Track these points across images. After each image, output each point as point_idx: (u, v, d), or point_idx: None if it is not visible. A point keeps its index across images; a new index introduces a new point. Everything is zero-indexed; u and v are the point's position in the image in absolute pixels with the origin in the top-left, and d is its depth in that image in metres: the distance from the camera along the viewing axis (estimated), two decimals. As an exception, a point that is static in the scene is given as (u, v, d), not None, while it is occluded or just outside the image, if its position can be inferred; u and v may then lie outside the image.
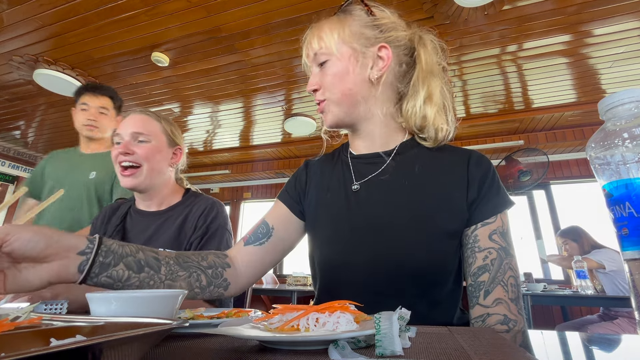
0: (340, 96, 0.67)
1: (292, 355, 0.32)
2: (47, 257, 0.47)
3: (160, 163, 1.00)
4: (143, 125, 0.98)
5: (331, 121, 0.70)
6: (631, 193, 0.37)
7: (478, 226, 0.62)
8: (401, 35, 0.69)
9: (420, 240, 0.62)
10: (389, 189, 0.67)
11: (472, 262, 0.61)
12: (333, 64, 0.67)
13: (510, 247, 0.61)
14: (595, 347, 0.36)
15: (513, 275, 0.59)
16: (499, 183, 0.65)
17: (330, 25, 0.69)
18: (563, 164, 3.84)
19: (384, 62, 0.67)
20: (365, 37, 0.67)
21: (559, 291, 2.77)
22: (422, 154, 0.69)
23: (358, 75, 0.67)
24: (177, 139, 1.07)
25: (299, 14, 2.09)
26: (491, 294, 0.57)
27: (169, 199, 1.05)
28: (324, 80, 0.68)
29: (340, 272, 0.67)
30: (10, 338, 0.26)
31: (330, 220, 0.70)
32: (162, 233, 0.97)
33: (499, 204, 0.62)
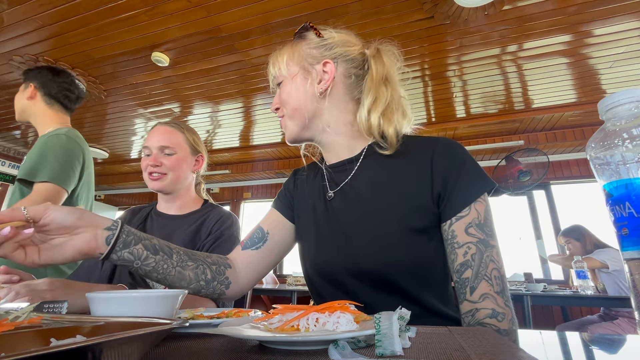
0: (292, 112, 0.73)
1: (292, 355, 0.32)
2: (79, 228, 0.53)
3: (185, 171, 1.12)
4: (169, 139, 1.09)
5: (289, 136, 0.75)
6: (631, 193, 0.37)
7: (453, 221, 0.62)
8: (349, 50, 0.74)
9: (392, 241, 0.63)
10: (359, 194, 0.69)
11: (454, 259, 0.61)
12: (285, 83, 0.74)
13: (490, 237, 0.60)
14: (596, 347, 0.36)
15: (495, 267, 0.59)
16: (470, 170, 0.63)
17: (283, 51, 0.76)
18: (563, 164, 3.84)
19: (328, 76, 0.72)
20: (312, 56, 0.73)
21: (559, 291, 2.77)
22: (389, 159, 0.70)
23: (307, 91, 0.72)
24: (199, 147, 1.18)
25: (299, 14, 2.09)
26: (477, 289, 0.58)
27: (189, 205, 1.15)
28: (281, 99, 0.74)
29: (326, 278, 0.70)
30: (10, 338, 0.26)
31: (313, 229, 0.74)
32: (180, 234, 1.05)
33: (470, 193, 0.61)
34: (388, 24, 2.16)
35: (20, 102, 1.44)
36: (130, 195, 5.69)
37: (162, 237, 1.02)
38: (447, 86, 2.86)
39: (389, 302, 0.62)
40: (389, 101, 0.71)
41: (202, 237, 1.04)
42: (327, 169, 0.77)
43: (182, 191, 1.13)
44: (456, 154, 0.65)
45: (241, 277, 0.74)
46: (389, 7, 2.02)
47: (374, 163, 0.71)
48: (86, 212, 0.55)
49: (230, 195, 5.11)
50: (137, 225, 1.09)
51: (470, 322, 0.58)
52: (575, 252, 2.87)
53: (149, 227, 1.10)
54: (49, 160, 1.21)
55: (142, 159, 1.10)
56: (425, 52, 2.43)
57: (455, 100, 3.10)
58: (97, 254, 0.56)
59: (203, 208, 1.15)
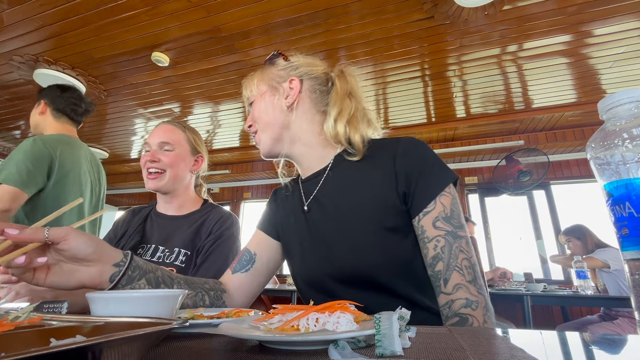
0: (264, 126, 0.78)
1: (292, 355, 0.32)
2: (90, 262, 0.54)
3: (183, 169, 1.10)
4: (169, 135, 1.09)
5: (263, 150, 0.80)
6: (631, 193, 0.37)
7: (420, 216, 0.64)
8: (314, 70, 0.81)
9: (369, 243, 0.65)
10: (332, 201, 0.73)
11: (426, 253, 0.64)
12: (256, 102, 0.80)
13: (458, 228, 0.63)
14: (596, 347, 0.36)
15: (465, 257, 0.61)
16: (431, 165, 0.67)
17: (254, 75, 0.84)
18: (563, 164, 3.84)
19: (293, 91, 0.78)
20: (279, 76, 0.80)
21: (559, 291, 2.77)
22: (356, 164, 0.74)
23: (275, 106, 0.78)
24: (199, 148, 1.17)
25: (299, 14, 2.09)
26: (450, 280, 0.60)
27: (188, 205, 1.14)
28: (253, 117, 0.80)
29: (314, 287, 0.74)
30: (10, 338, 0.26)
31: (296, 242, 0.78)
32: (179, 235, 1.04)
33: (433, 188, 0.64)
34: (388, 24, 2.16)
35: (34, 118, 1.59)
36: (130, 195, 5.69)
37: (161, 239, 1.05)
38: (447, 86, 2.86)
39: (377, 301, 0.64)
40: (353, 112, 0.77)
41: (202, 238, 1.03)
42: (302, 182, 0.82)
43: (180, 191, 1.12)
44: (417, 152, 0.68)
45: (235, 300, 0.79)
46: (389, 7, 2.02)
47: (343, 170, 0.75)
48: (101, 245, 0.56)
49: (230, 195, 5.11)
50: (137, 226, 1.09)
51: (447, 314, 0.60)
52: (575, 252, 2.87)
53: (149, 228, 1.10)
54: (9, 163, 1.26)
55: (142, 156, 1.09)
56: (425, 52, 2.43)
57: (455, 100, 3.10)
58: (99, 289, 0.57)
59: (203, 208, 1.14)
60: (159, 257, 1.00)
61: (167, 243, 1.03)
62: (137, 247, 1.03)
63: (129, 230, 1.09)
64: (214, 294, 0.73)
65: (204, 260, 0.99)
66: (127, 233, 1.08)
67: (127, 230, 1.10)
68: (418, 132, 3.61)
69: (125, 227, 1.11)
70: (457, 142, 3.83)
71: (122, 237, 1.08)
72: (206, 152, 1.21)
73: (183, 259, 0.99)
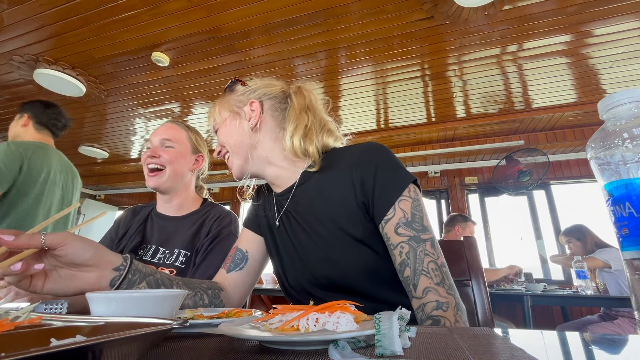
0: (232, 148, 0.80)
1: (292, 355, 0.32)
2: (89, 267, 0.54)
3: (183, 167, 1.10)
4: (171, 133, 1.10)
5: (236, 172, 0.81)
6: (631, 193, 0.37)
7: (383, 224, 0.65)
8: (271, 90, 0.84)
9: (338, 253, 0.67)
10: (299, 215, 0.75)
11: (394, 259, 0.64)
12: (221, 128, 0.82)
13: (421, 231, 0.63)
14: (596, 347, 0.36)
15: (431, 259, 0.61)
16: (385, 172, 0.66)
17: (215, 105, 0.86)
18: (563, 164, 3.84)
19: (255, 113, 0.80)
20: (239, 101, 0.82)
21: (559, 291, 2.77)
22: (320, 175, 0.76)
23: (240, 129, 0.79)
24: (200, 147, 1.17)
25: (299, 14, 2.09)
26: (419, 285, 0.61)
27: (187, 206, 1.13)
28: (221, 142, 0.82)
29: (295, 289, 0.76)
30: (10, 338, 0.26)
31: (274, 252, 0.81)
32: (179, 236, 1.04)
33: (390, 194, 0.64)
34: (388, 24, 2.16)
35: (15, 129, 1.71)
36: (130, 195, 5.69)
37: (161, 240, 1.05)
38: (447, 86, 2.86)
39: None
40: (310, 125, 0.78)
41: (202, 237, 1.03)
42: (276, 196, 0.84)
43: (180, 189, 1.11)
44: (370, 160, 0.68)
45: (233, 298, 0.81)
46: (389, 7, 2.02)
47: (309, 184, 0.77)
48: (100, 250, 0.55)
49: (230, 195, 5.10)
50: (137, 227, 1.09)
51: (421, 318, 0.61)
52: (575, 252, 2.87)
53: (149, 228, 1.09)
54: None
55: (143, 153, 1.09)
56: (425, 52, 2.42)
57: (455, 100, 3.10)
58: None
59: (202, 207, 1.13)
60: (160, 258, 1.00)
61: (168, 244, 1.03)
62: (138, 248, 1.03)
63: (129, 231, 1.09)
64: (212, 292, 0.74)
65: (203, 258, 0.99)
66: (128, 234, 1.08)
67: (128, 230, 1.10)
68: (418, 132, 3.61)
69: (125, 227, 1.11)
70: (457, 142, 3.83)
71: (122, 238, 1.08)
72: (207, 153, 1.21)
73: (183, 259, 1.00)
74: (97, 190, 5.84)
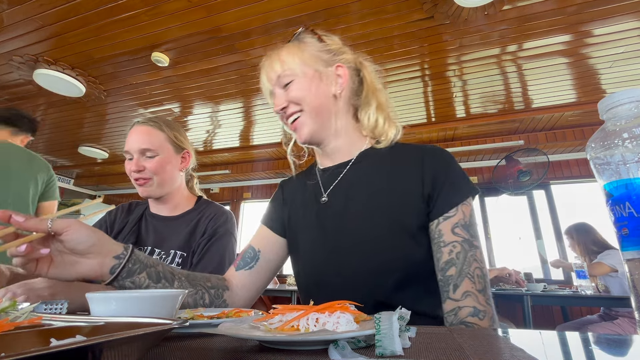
0: (312, 108, 0.72)
1: (292, 355, 0.32)
2: (90, 254, 0.55)
3: (171, 172, 1.05)
4: (149, 140, 1.01)
5: (306, 135, 0.74)
6: (631, 193, 0.37)
7: (440, 220, 0.64)
8: (350, 58, 0.79)
9: (384, 239, 0.65)
10: (352, 195, 0.72)
11: (440, 257, 0.63)
12: (299, 82, 0.72)
13: (474, 238, 0.63)
14: (595, 347, 0.36)
15: (478, 266, 0.61)
16: (457, 174, 0.67)
17: (289, 51, 0.75)
18: (563, 164, 3.84)
19: (342, 79, 0.75)
20: (322, 60, 0.75)
21: (559, 291, 2.77)
22: (379, 158, 0.74)
23: (322, 91, 0.73)
24: (182, 144, 1.10)
25: (299, 14, 2.09)
26: (460, 287, 0.60)
27: (182, 205, 1.10)
28: (291, 97, 0.72)
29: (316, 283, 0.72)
30: (10, 338, 0.26)
31: (306, 233, 0.75)
32: (174, 237, 1.02)
33: (457, 195, 0.64)
34: (388, 24, 2.16)
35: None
36: (130, 195, 5.69)
37: (157, 241, 1.03)
38: (447, 86, 2.86)
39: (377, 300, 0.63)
40: (385, 105, 0.78)
41: (197, 237, 1.01)
42: (320, 172, 0.80)
43: (173, 192, 1.08)
44: (444, 158, 0.69)
45: (238, 299, 0.76)
46: (389, 7, 2.02)
47: (367, 165, 0.74)
48: (103, 238, 0.57)
49: (230, 195, 5.10)
50: (131, 226, 1.06)
51: (452, 322, 0.59)
52: (575, 249, 2.87)
53: (144, 229, 1.07)
54: None
55: (125, 163, 1.04)
56: (425, 52, 2.42)
57: (455, 100, 3.10)
58: (100, 280, 0.58)
59: (197, 206, 1.10)
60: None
61: (163, 245, 1.01)
62: None
63: (124, 230, 1.07)
64: (214, 292, 0.71)
65: (199, 259, 0.97)
66: (122, 233, 1.06)
67: (123, 229, 1.07)
68: (418, 132, 3.61)
69: (120, 225, 1.09)
70: (457, 142, 3.83)
71: (117, 236, 1.06)
72: (191, 146, 1.14)
73: (179, 261, 0.98)
74: (97, 190, 5.84)
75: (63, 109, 3.30)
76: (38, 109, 3.31)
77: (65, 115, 3.44)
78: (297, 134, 0.76)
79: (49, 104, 3.21)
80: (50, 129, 3.77)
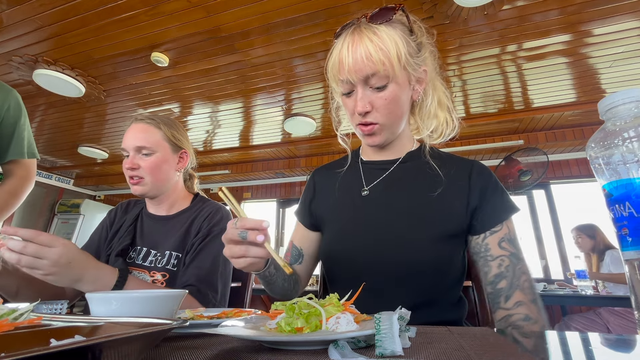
0: (394, 122, 0.69)
1: (292, 355, 0.32)
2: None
3: (167, 172, 1.03)
4: (145, 138, 0.99)
5: (380, 143, 0.72)
6: (631, 193, 0.37)
7: (487, 235, 0.65)
8: (427, 54, 0.72)
9: (418, 242, 0.65)
10: (394, 193, 0.72)
11: (488, 270, 0.65)
12: (392, 88, 0.64)
13: (520, 252, 0.65)
14: (595, 347, 0.36)
15: (527, 279, 0.63)
16: (502, 191, 0.69)
17: (392, 41, 0.62)
18: (563, 164, 3.84)
19: (422, 84, 0.71)
20: (413, 61, 0.66)
21: (558, 291, 2.77)
22: (426, 162, 0.74)
23: (407, 99, 0.70)
24: (180, 143, 1.07)
25: (299, 14, 2.09)
26: (511, 298, 0.61)
27: (178, 204, 1.08)
28: (377, 103, 0.65)
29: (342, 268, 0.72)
30: (10, 338, 0.26)
31: (339, 220, 0.75)
32: (170, 237, 1.00)
33: (504, 211, 0.66)
34: (388, 24, 2.16)
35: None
36: (130, 195, 5.70)
37: (152, 241, 1.02)
38: (447, 86, 2.86)
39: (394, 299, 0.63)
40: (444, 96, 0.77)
41: (192, 236, 0.98)
42: (363, 164, 0.80)
43: (169, 192, 1.05)
44: (491, 175, 0.71)
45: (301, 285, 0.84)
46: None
47: (412, 167, 0.74)
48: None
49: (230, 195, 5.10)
50: (127, 226, 1.04)
51: (502, 327, 0.61)
52: (584, 248, 2.89)
53: (139, 229, 1.05)
54: None
55: (123, 160, 1.02)
56: (425, 52, 2.42)
57: (455, 100, 3.10)
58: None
59: (193, 205, 1.08)
60: (151, 261, 0.96)
61: (158, 246, 0.99)
62: (128, 249, 0.99)
63: (120, 231, 1.05)
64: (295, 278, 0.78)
65: (192, 259, 0.94)
66: (119, 234, 1.04)
67: (119, 229, 1.06)
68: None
69: (117, 225, 1.08)
70: (457, 142, 3.83)
71: (113, 238, 1.05)
72: (190, 145, 1.12)
73: (175, 262, 0.96)
74: (97, 190, 5.84)
75: (63, 109, 3.30)
76: (38, 109, 3.31)
77: (65, 116, 3.44)
78: (366, 139, 0.72)
79: (48, 104, 3.20)
80: (50, 129, 3.77)
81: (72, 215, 5.01)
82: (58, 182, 5.28)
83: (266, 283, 0.68)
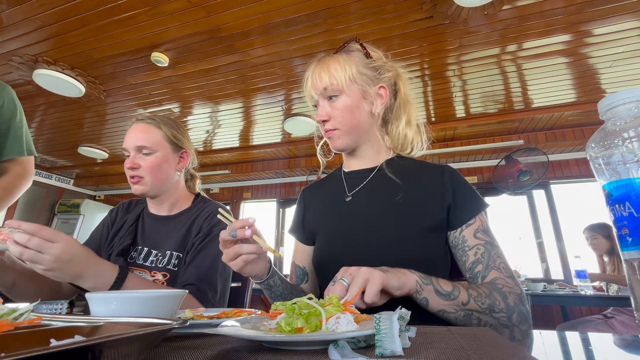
0: (350, 128, 0.79)
1: (292, 355, 0.32)
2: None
3: (167, 172, 1.04)
4: (145, 138, 1.00)
5: (340, 147, 0.82)
6: (631, 193, 0.37)
7: (463, 228, 0.72)
8: (390, 75, 0.83)
9: (401, 238, 0.72)
10: (375, 197, 0.79)
11: (466, 259, 0.71)
12: (343, 99, 0.77)
13: (494, 240, 0.72)
14: (595, 347, 0.36)
15: (502, 261, 0.69)
16: (472, 190, 0.77)
17: (338, 64, 0.77)
18: (563, 164, 3.84)
19: (382, 100, 0.81)
20: (368, 77, 0.79)
21: (558, 291, 2.77)
22: (402, 168, 0.81)
23: (364, 110, 0.79)
24: (181, 143, 1.08)
25: (299, 14, 2.09)
26: (488, 277, 0.67)
27: (179, 204, 1.09)
28: (333, 113, 0.78)
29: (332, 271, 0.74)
30: (10, 338, 0.26)
31: (327, 226, 0.83)
32: (171, 237, 1.00)
33: (475, 207, 0.74)
34: (388, 24, 2.16)
35: None
36: (130, 195, 5.69)
37: (153, 241, 1.02)
38: (447, 86, 2.86)
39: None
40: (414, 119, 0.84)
41: (192, 236, 0.99)
42: (345, 174, 0.88)
43: (169, 192, 1.06)
44: (460, 177, 0.78)
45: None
46: (388, 7, 2.02)
47: (390, 174, 0.81)
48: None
49: (230, 195, 5.10)
50: (129, 226, 1.04)
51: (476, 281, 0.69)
52: (599, 249, 2.77)
53: (141, 229, 1.05)
54: None
55: (125, 161, 1.03)
56: (425, 52, 2.42)
57: (455, 100, 3.10)
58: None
59: (194, 205, 1.08)
60: (152, 261, 0.97)
61: (159, 246, 0.99)
62: (129, 249, 1.00)
63: (121, 230, 1.05)
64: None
65: (192, 258, 0.94)
66: (120, 233, 1.05)
67: (121, 229, 1.06)
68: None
69: (118, 224, 1.08)
70: (456, 142, 3.83)
71: (114, 237, 1.05)
72: (190, 146, 1.13)
73: (175, 262, 0.96)
74: (97, 190, 5.84)
75: (63, 109, 3.30)
76: (38, 109, 3.31)
77: (65, 116, 3.44)
78: (330, 142, 0.82)
79: (48, 104, 3.20)
80: (50, 129, 3.77)
81: (72, 215, 5.01)
82: (58, 182, 5.28)
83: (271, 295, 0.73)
